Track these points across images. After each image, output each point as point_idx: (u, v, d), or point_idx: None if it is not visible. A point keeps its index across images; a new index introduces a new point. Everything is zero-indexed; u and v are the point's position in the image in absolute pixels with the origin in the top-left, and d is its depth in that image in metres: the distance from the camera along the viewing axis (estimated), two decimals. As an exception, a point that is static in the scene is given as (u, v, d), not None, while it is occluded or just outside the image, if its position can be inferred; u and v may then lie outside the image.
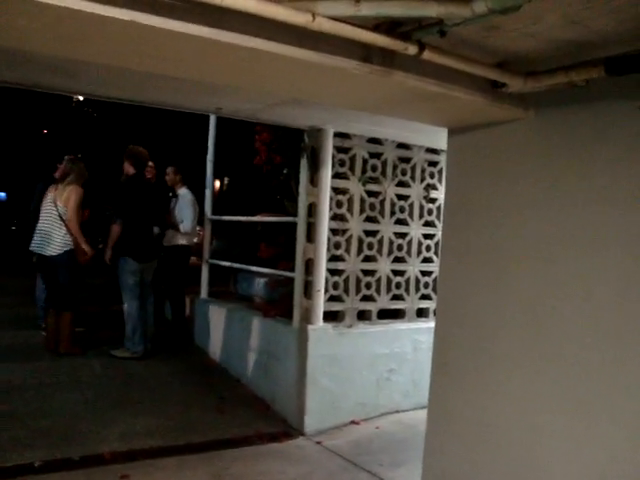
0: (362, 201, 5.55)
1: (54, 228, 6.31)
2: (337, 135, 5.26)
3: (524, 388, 3.26)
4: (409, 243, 5.89)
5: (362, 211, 5.56)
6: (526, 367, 3.25)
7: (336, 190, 5.36)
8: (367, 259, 5.61)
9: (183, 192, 7.48)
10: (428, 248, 6.02)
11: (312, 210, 5.23)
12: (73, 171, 6.47)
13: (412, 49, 2.42)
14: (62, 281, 6.33)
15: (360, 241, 5.56)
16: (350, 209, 5.48)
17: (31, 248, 6.40)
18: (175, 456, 4.41)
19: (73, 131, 17.22)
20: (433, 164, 6.02)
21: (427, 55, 2.48)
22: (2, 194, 22.97)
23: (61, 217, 6.30)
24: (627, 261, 2.84)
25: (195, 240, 7.77)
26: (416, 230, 5.93)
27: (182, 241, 7.38)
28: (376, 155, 5.63)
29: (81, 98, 14.44)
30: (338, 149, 5.34)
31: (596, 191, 2.97)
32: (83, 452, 4.29)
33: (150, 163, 8.02)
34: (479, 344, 3.55)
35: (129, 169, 6.80)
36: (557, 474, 3.10)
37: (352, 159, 5.47)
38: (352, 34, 2.28)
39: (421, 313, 5.99)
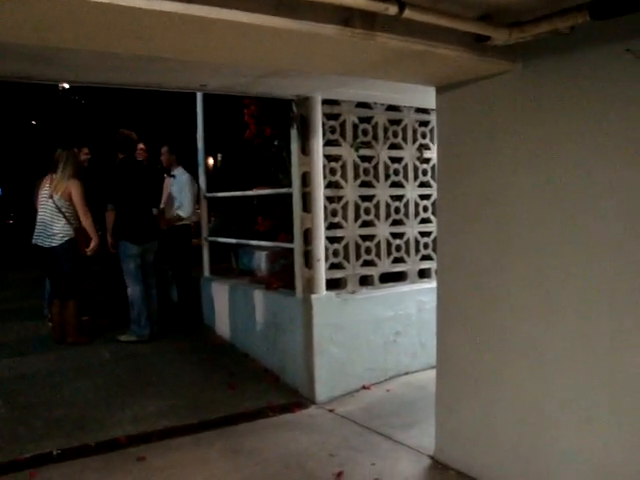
0: (356, 167, 5.52)
1: (53, 220, 6.29)
2: (325, 102, 5.21)
3: (532, 340, 3.28)
4: (406, 205, 5.88)
5: (356, 177, 5.53)
6: (533, 318, 3.27)
7: (329, 157, 5.33)
8: (365, 224, 5.60)
9: (179, 172, 7.42)
10: (425, 209, 6.01)
11: (306, 179, 5.20)
12: (63, 159, 6.40)
13: (392, 9, 2.38)
14: (66, 270, 6.32)
15: (357, 207, 5.54)
16: (344, 176, 5.45)
17: (34, 242, 6.39)
18: (190, 435, 4.44)
19: (62, 120, 17.09)
20: (424, 124, 5.97)
21: (408, 14, 2.44)
22: (-2, 189, 22.89)
23: (59, 209, 6.28)
24: (622, 210, 2.84)
25: (194, 219, 7.74)
26: (412, 192, 5.91)
27: (183, 221, 7.34)
28: (366, 119, 5.58)
29: (66, 86, 14.28)
30: (327, 116, 5.30)
31: (588, 138, 2.96)
32: (99, 438, 4.33)
33: (141, 145, 7.95)
34: (483, 299, 3.57)
35: (119, 154, 6.78)
36: (565, 424, 3.12)
37: (342, 125, 5.43)
38: (330, -2, 2.25)
39: (423, 274, 6.00)
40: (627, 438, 2.86)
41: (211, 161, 15.08)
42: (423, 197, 6.00)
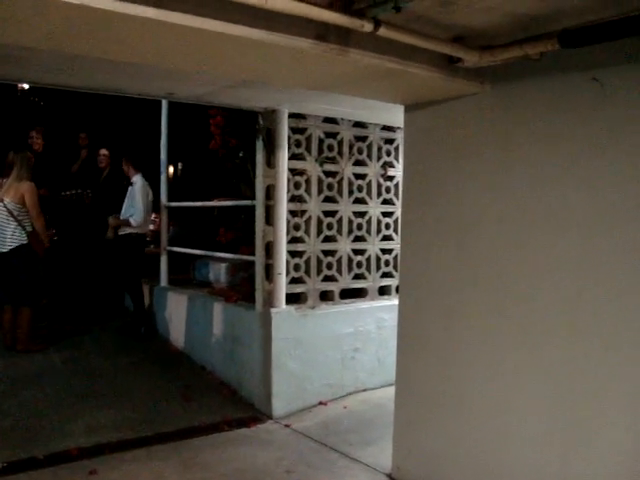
0: (320, 181, 5.52)
1: (4, 224, 6.14)
2: (292, 116, 5.21)
3: (492, 358, 3.30)
4: (368, 222, 5.89)
5: (320, 191, 5.53)
6: (494, 336, 3.29)
7: (293, 171, 5.32)
8: (327, 239, 5.59)
9: (136, 179, 7.29)
10: (387, 226, 6.03)
11: (270, 192, 5.18)
12: (18, 162, 6.24)
13: (368, 26, 2.39)
14: (20, 277, 6.16)
15: (319, 222, 5.53)
16: (308, 190, 5.44)
17: None
18: (143, 447, 4.35)
19: (19, 121, 16.71)
20: (389, 142, 6.01)
21: (383, 32, 2.46)
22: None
23: (11, 213, 6.12)
24: (584, 226, 2.89)
25: (151, 227, 7.62)
26: (375, 209, 5.93)
27: (135, 229, 7.18)
28: (332, 135, 5.59)
29: (26, 86, 13.98)
30: (294, 130, 5.29)
31: (552, 160, 3.01)
32: (48, 450, 4.21)
33: (104, 151, 7.84)
34: (444, 317, 3.58)
35: None
36: (525, 441, 3.15)
37: (308, 139, 5.43)
38: (306, 12, 2.25)
39: (383, 291, 6.01)
40: (586, 453, 2.90)
41: (172, 169, 14.92)
42: (386, 214, 6.02)
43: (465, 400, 3.46)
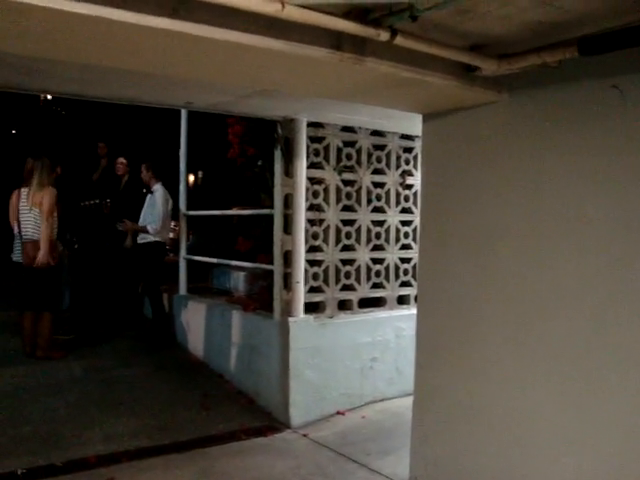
0: (338, 190, 5.52)
1: (35, 233, 6.18)
2: (310, 125, 5.22)
3: (511, 369, 3.26)
4: (387, 231, 5.87)
5: (339, 200, 5.53)
6: (512, 348, 3.25)
7: (312, 180, 5.32)
8: (346, 248, 5.58)
9: (156, 188, 7.33)
10: (406, 235, 6.01)
11: (288, 201, 5.18)
12: (38, 169, 6.27)
13: (384, 35, 2.38)
14: (44, 283, 6.19)
15: (338, 231, 5.53)
16: (326, 199, 5.44)
17: (15, 259, 6.27)
18: (161, 456, 4.36)
19: (42, 131, 16.91)
20: (408, 150, 6.00)
21: (399, 41, 2.44)
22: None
23: (37, 220, 6.18)
24: (604, 240, 2.85)
25: (171, 235, 7.66)
26: (393, 217, 5.91)
27: (154, 237, 7.22)
28: (350, 143, 5.59)
29: (49, 97, 14.15)
30: (312, 139, 5.30)
31: (571, 171, 2.97)
32: (67, 457, 4.23)
33: (121, 159, 7.90)
34: (463, 328, 3.54)
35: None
36: (547, 456, 3.10)
37: (326, 148, 5.43)
38: (323, 22, 2.24)
39: (402, 300, 5.99)
40: (605, 465, 2.85)
41: (192, 178, 15.03)
42: (404, 223, 6.00)
43: (483, 412, 3.42)
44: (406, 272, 6.00)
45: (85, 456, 4.27)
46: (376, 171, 5.79)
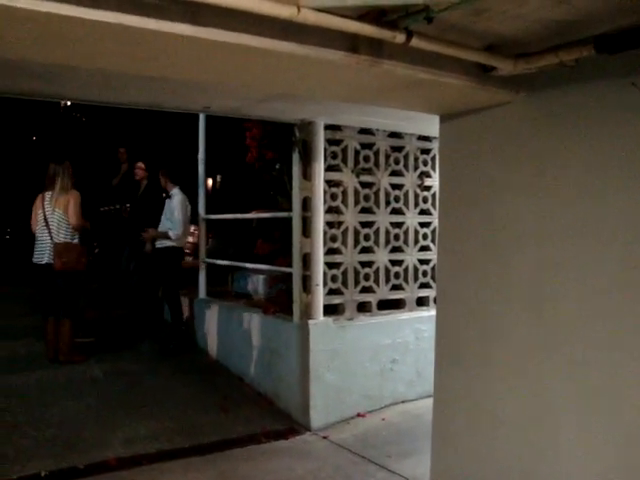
0: (356, 192, 5.52)
1: (58, 235, 6.24)
2: (328, 127, 5.23)
3: (533, 372, 3.23)
4: (405, 232, 5.87)
5: (357, 203, 5.53)
6: (533, 351, 3.22)
7: (330, 183, 5.33)
8: (364, 250, 5.58)
9: (175, 192, 7.33)
10: (425, 236, 6.00)
11: (306, 204, 5.19)
12: (60, 173, 6.32)
13: (400, 37, 2.38)
14: (62, 287, 6.25)
15: (356, 233, 5.53)
16: (345, 201, 5.44)
17: (35, 261, 6.33)
18: (181, 459, 4.38)
19: (63, 137, 17.08)
20: (426, 152, 5.98)
21: (415, 42, 2.44)
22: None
23: (60, 223, 6.24)
24: (624, 242, 2.82)
25: (190, 240, 7.69)
26: (412, 219, 5.90)
27: (173, 242, 7.23)
28: (368, 145, 5.60)
29: (69, 103, 14.30)
30: (329, 141, 5.31)
31: (591, 171, 2.95)
32: (88, 460, 4.27)
33: (140, 164, 7.94)
34: (482, 330, 3.52)
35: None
36: (567, 459, 3.08)
37: (344, 151, 5.44)
38: (338, 25, 2.24)
39: (421, 302, 5.97)
40: (626, 470, 2.82)
41: (210, 182, 15.10)
42: (423, 225, 5.99)
43: (504, 415, 3.40)
44: (425, 274, 5.98)
45: (106, 459, 4.30)
46: (394, 173, 5.79)
